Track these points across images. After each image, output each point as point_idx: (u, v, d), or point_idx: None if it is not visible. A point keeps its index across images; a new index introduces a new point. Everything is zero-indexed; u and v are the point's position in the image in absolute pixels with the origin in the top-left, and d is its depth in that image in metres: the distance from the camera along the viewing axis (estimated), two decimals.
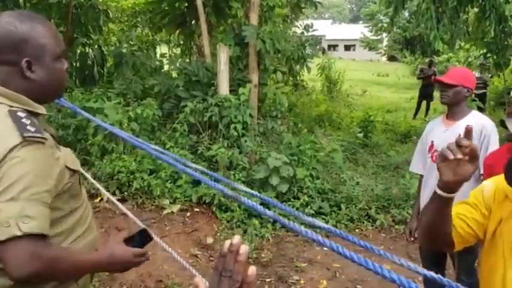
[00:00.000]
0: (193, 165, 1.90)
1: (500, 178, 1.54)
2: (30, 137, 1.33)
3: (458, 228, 1.55)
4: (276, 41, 6.21)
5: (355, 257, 1.01)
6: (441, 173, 1.39)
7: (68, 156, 1.53)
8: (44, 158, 1.36)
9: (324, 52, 19.48)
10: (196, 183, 5.47)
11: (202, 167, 2.05)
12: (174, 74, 7.34)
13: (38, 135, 1.36)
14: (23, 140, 1.31)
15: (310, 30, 6.88)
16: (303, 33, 6.90)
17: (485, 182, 1.65)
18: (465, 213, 1.57)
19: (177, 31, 8.48)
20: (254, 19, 6.39)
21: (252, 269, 0.79)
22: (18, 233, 1.23)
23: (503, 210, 1.51)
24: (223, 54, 6.07)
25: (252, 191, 1.55)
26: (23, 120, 1.36)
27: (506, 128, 1.48)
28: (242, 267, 0.79)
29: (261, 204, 5.19)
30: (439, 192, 1.43)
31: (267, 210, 1.27)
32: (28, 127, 1.35)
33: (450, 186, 1.40)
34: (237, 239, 0.81)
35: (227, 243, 0.81)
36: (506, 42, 7.43)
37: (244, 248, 0.80)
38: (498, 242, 1.50)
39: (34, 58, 1.42)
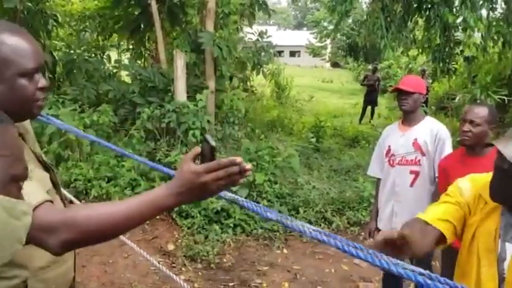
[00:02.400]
0: None
1: (476, 179, 1.67)
2: None
3: (445, 230, 1.61)
4: (233, 48, 6.29)
5: (361, 255, 1.09)
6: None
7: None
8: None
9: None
10: None
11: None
12: (128, 80, 7.25)
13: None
14: None
15: (265, 36, 7.01)
16: (257, 39, 7.02)
17: (461, 181, 1.74)
18: (449, 213, 1.65)
19: (128, 36, 8.39)
20: (210, 26, 6.45)
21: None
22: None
23: (479, 211, 1.64)
24: (180, 61, 6.09)
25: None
26: None
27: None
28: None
29: (221, 210, 5.23)
30: None
31: (268, 213, 1.34)
32: None
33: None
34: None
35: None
36: (451, 50, 7.90)
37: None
38: (474, 242, 1.62)
39: None
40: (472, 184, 1.69)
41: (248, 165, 1.19)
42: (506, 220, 1.57)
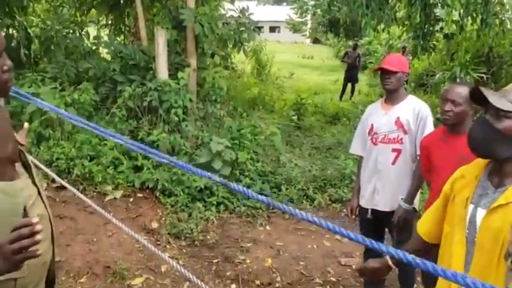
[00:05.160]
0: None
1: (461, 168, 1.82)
2: None
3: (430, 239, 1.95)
4: (214, 25, 6.22)
5: (351, 235, 1.13)
6: None
7: None
8: None
9: None
10: (139, 168, 5.44)
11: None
12: (108, 57, 7.13)
13: None
14: None
15: (247, 13, 6.92)
16: (239, 16, 6.93)
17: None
18: (433, 216, 1.96)
19: (107, 12, 8.20)
20: (191, 2, 6.35)
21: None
22: None
23: (457, 186, 1.77)
24: (161, 38, 6.01)
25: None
26: None
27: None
28: None
29: (204, 188, 5.23)
30: None
31: (258, 196, 1.37)
32: None
33: None
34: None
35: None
36: (431, 28, 7.95)
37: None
38: (451, 211, 1.77)
39: None
40: (454, 175, 1.87)
41: (38, 227, 1.14)
42: (483, 188, 1.67)
